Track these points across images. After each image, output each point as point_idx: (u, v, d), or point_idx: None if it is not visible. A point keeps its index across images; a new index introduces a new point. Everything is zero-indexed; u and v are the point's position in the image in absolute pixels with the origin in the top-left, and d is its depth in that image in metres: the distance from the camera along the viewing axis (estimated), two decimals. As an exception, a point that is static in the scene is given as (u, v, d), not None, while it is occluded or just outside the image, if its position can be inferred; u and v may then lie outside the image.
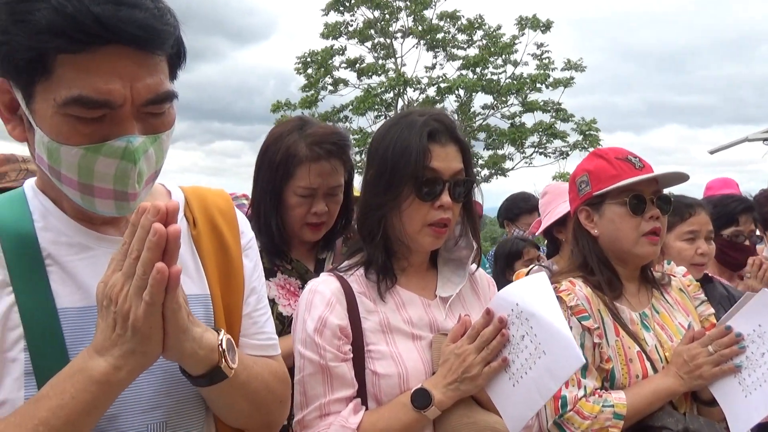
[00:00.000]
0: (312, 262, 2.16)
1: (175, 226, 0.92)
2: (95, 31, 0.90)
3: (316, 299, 1.55)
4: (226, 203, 1.30)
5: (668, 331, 1.90)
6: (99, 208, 1.03)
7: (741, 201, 3.03)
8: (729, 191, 5.01)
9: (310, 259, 2.16)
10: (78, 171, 0.98)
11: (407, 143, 1.54)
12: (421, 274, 1.68)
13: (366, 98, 17.22)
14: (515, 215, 5.08)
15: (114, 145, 0.96)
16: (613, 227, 1.90)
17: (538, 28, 17.21)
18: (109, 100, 0.94)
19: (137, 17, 0.92)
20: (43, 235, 1.06)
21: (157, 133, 1.02)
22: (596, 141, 16.99)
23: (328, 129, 2.06)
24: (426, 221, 1.56)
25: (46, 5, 0.90)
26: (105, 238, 1.10)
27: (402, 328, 1.57)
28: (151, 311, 0.92)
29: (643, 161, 1.94)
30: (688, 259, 2.52)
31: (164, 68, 1.01)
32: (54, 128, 0.96)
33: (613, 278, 1.91)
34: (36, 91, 0.95)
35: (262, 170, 2.06)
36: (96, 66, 0.93)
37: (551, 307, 1.44)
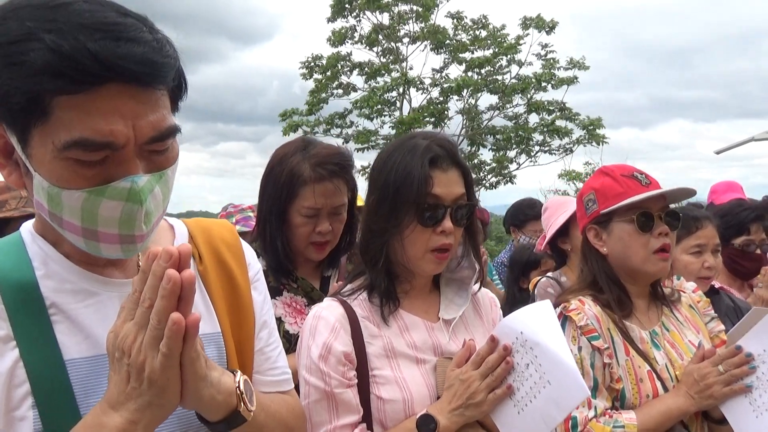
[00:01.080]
0: (317, 279, 2.17)
1: (189, 271, 0.86)
2: (94, 70, 0.85)
3: (320, 325, 1.55)
4: (231, 235, 1.27)
5: (678, 349, 1.90)
6: (104, 252, 0.99)
7: (752, 210, 3.00)
8: (734, 195, 4.98)
9: (316, 277, 2.18)
10: (81, 216, 0.93)
11: (409, 169, 1.54)
12: (424, 297, 1.69)
13: (370, 98, 17.21)
14: (521, 222, 5.07)
15: (118, 186, 0.92)
16: (622, 245, 1.89)
17: (542, 29, 17.17)
18: (111, 141, 0.89)
19: (136, 52, 0.87)
20: (45, 283, 1.01)
21: (162, 169, 0.98)
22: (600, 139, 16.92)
23: (331, 149, 2.08)
24: (428, 247, 1.56)
25: (41, 45, 0.84)
26: (110, 282, 1.05)
27: (406, 352, 1.57)
28: (168, 363, 0.87)
29: (649, 177, 1.94)
30: (695, 272, 2.51)
31: (166, 102, 0.96)
32: (54, 173, 0.91)
33: (622, 296, 1.90)
34: (33, 135, 0.90)
35: (267, 190, 2.07)
36: (96, 106, 0.88)
37: (556, 337, 1.44)
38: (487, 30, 17.78)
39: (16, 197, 1.94)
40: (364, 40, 18.00)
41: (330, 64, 17.67)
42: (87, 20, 0.87)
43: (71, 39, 0.84)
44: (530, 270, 3.84)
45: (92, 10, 0.89)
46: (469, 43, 17.73)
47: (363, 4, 17.29)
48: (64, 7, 0.88)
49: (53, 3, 0.89)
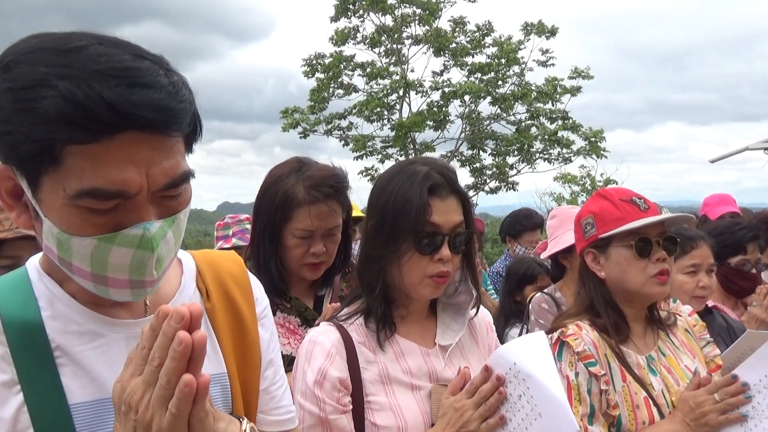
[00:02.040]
0: (311, 299, 2.17)
1: (200, 332, 0.84)
2: (108, 120, 0.82)
3: (316, 350, 1.55)
4: (239, 268, 1.24)
5: (675, 374, 1.90)
6: (113, 296, 0.97)
7: (749, 229, 3.01)
8: (726, 208, 5.00)
9: (309, 297, 2.17)
10: (91, 262, 0.91)
11: (408, 197, 1.54)
12: (421, 322, 1.69)
13: (369, 102, 17.19)
14: (518, 232, 5.09)
15: (129, 233, 0.90)
16: (620, 270, 1.90)
17: (543, 34, 17.18)
18: (123, 190, 0.87)
19: (152, 99, 0.85)
20: (51, 325, 0.98)
21: (175, 213, 0.95)
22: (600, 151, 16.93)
23: (326, 171, 2.06)
24: (426, 274, 1.57)
25: (54, 92, 0.82)
26: (116, 323, 1.03)
27: (401, 378, 1.58)
28: (176, 423, 0.84)
29: (648, 202, 1.94)
30: (690, 292, 2.52)
31: (180, 148, 0.93)
32: (64, 219, 0.89)
33: (619, 321, 1.90)
34: (43, 180, 0.87)
35: (261, 211, 2.07)
36: (109, 155, 0.85)
37: (548, 370, 1.45)
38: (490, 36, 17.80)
39: (9, 218, 1.91)
40: (367, 40, 17.99)
41: (333, 63, 17.65)
42: (102, 65, 0.84)
43: (85, 87, 0.82)
44: (526, 284, 3.85)
45: (107, 54, 0.85)
46: (471, 47, 17.73)
47: (367, 5, 17.27)
48: (79, 51, 0.85)
49: (67, 47, 0.86)
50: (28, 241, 1.86)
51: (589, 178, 16.72)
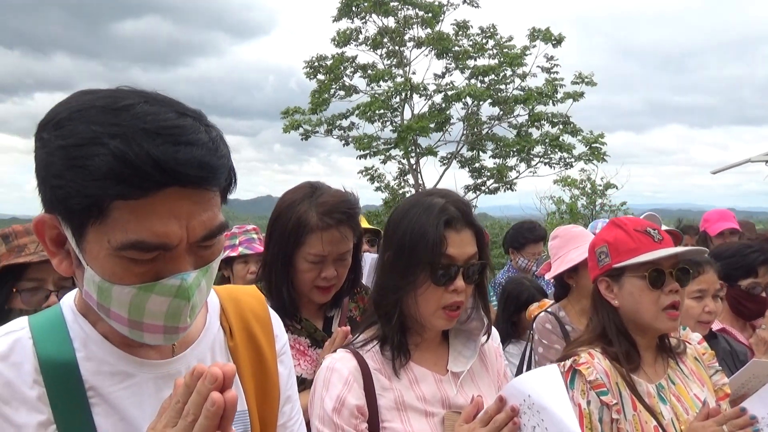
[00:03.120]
0: (320, 320, 2.21)
1: (232, 392, 0.88)
2: (155, 177, 0.87)
3: (334, 377, 1.59)
4: (260, 306, 1.28)
5: (684, 403, 1.93)
6: (147, 340, 1.01)
7: (761, 252, 3.01)
8: (726, 224, 5.04)
9: (319, 318, 2.21)
10: (129, 309, 0.96)
11: (425, 230, 1.59)
12: (434, 349, 1.73)
13: (372, 103, 17.23)
14: (521, 244, 5.12)
15: (168, 283, 0.94)
16: (633, 300, 1.93)
17: (549, 41, 17.21)
18: (165, 243, 0.92)
19: (195, 156, 0.89)
20: (85, 366, 1.02)
21: (209, 263, 1.00)
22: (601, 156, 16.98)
23: (338, 197, 2.09)
24: (440, 304, 1.61)
25: (105, 150, 0.86)
26: (146, 363, 1.07)
27: (416, 405, 1.62)
28: None
29: (662, 233, 1.97)
30: (696, 316, 2.55)
31: (217, 201, 0.98)
32: (107, 269, 0.93)
33: (631, 350, 1.94)
34: (88, 231, 0.92)
35: (273, 236, 2.10)
36: (153, 209, 0.90)
37: (562, 403, 1.49)
38: (494, 39, 17.81)
39: (35, 241, 1.93)
40: (369, 42, 18.00)
41: (334, 65, 17.67)
42: (149, 124, 0.88)
43: (135, 145, 0.86)
44: (524, 308, 3.88)
45: (153, 112, 0.90)
46: (473, 50, 17.76)
47: (369, 7, 17.28)
48: (127, 109, 0.90)
49: (117, 105, 0.90)
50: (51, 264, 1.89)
51: (589, 181, 16.76)
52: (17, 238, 1.94)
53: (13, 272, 1.87)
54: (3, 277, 1.86)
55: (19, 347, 1.00)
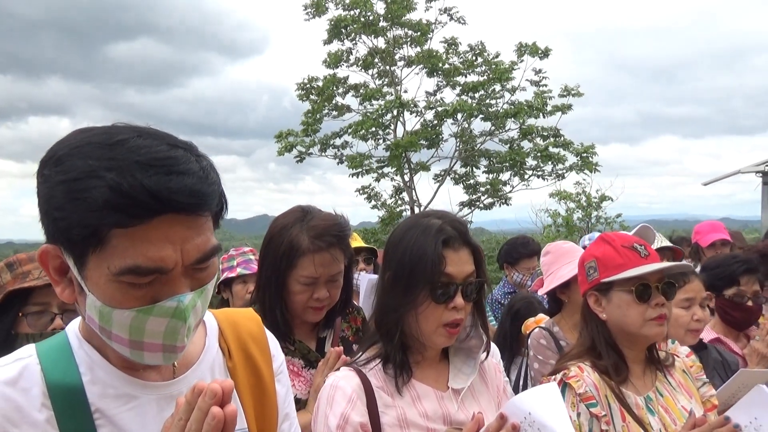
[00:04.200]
0: (313, 341, 2.26)
1: (231, 406, 0.93)
2: (149, 206, 0.93)
3: (337, 395, 1.63)
4: (257, 327, 1.34)
5: (672, 414, 1.99)
6: (147, 360, 1.06)
7: (743, 262, 3.08)
8: (717, 235, 5.12)
9: (312, 339, 2.26)
10: (129, 331, 1.01)
11: (424, 249, 1.64)
12: (434, 366, 1.78)
13: (364, 122, 17.36)
14: (515, 259, 5.16)
15: (165, 305, 0.99)
16: (621, 313, 1.99)
17: (536, 55, 17.42)
18: (161, 266, 0.97)
19: (186, 184, 0.95)
20: (91, 389, 1.07)
21: (204, 284, 1.05)
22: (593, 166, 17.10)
23: (329, 220, 2.16)
24: (440, 322, 1.66)
25: (101, 183, 0.92)
26: (148, 385, 1.12)
27: (418, 422, 1.66)
28: None
29: (648, 248, 2.04)
30: (685, 325, 2.62)
31: (209, 225, 1.04)
32: (107, 294, 0.98)
33: (619, 362, 2.00)
34: (89, 259, 0.97)
35: (267, 260, 2.16)
36: (148, 235, 0.95)
37: (562, 420, 1.53)
38: (482, 57, 18.02)
39: (38, 267, 2.00)
40: (360, 62, 18.19)
41: (326, 85, 17.83)
42: (142, 157, 0.95)
43: (129, 177, 0.92)
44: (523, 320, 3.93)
45: (146, 146, 0.97)
46: (463, 67, 17.95)
47: (359, 29, 17.48)
48: (121, 144, 0.96)
49: (111, 141, 0.97)
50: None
51: (584, 194, 16.85)
52: (21, 266, 2.00)
53: (18, 297, 1.93)
54: (9, 302, 1.91)
55: (27, 373, 1.06)
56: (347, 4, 17.33)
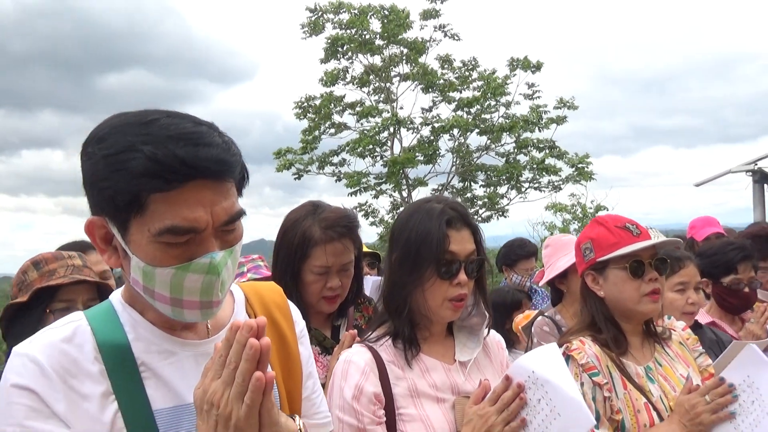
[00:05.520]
0: (328, 329, 2.38)
1: (266, 339, 1.04)
2: (182, 172, 1.06)
3: (351, 369, 1.74)
4: (280, 297, 1.45)
5: (671, 382, 2.10)
6: (187, 317, 1.17)
7: (740, 249, 3.18)
8: (711, 229, 5.24)
9: (327, 327, 2.38)
10: (170, 288, 1.12)
11: (428, 230, 1.77)
12: (441, 342, 1.89)
13: (361, 140, 17.54)
14: (513, 261, 5.25)
15: (200, 262, 1.11)
16: (617, 290, 2.12)
17: (528, 69, 17.65)
18: (195, 226, 1.09)
19: (212, 154, 1.08)
20: (136, 345, 1.19)
21: (232, 246, 1.17)
22: (589, 176, 17.27)
23: (339, 212, 2.30)
24: (446, 297, 1.77)
25: (140, 155, 1.05)
26: (186, 343, 1.24)
27: (428, 392, 1.76)
28: (251, 412, 1.05)
29: (640, 227, 2.17)
30: (680, 308, 2.74)
31: (234, 191, 1.16)
32: (149, 254, 1.10)
33: (618, 335, 2.12)
34: (131, 224, 1.09)
35: (281, 252, 2.29)
36: (183, 199, 1.07)
37: (563, 375, 1.65)
38: (476, 71, 18.25)
39: (63, 266, 2.12)
40: (356, 80, 18.42)
41: (323, 104, 18.03)
42: (172, 132, 1.08)
43: (163, 148, 1.06)
44: (513, 311, 4.06)
45: (175, 123, 1.10)
46: (458, 83, 18.17)
47: (355, 47, 17.73)
48: (154, 122, 1.10)
49: (145, 120, 1.11)
50: (81, 285, 2.08)
51: (580, 205, 16.97)
52: (47, 264, 2.12)
53: (45, 294, 2.05)
54: (36, 299, 2.03)
55: (79, 332, 1.18)
56: (344, 23, 17.59)
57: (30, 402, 1.08)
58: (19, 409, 1.08)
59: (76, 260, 2.17)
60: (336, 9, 17.57)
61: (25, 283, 2.11)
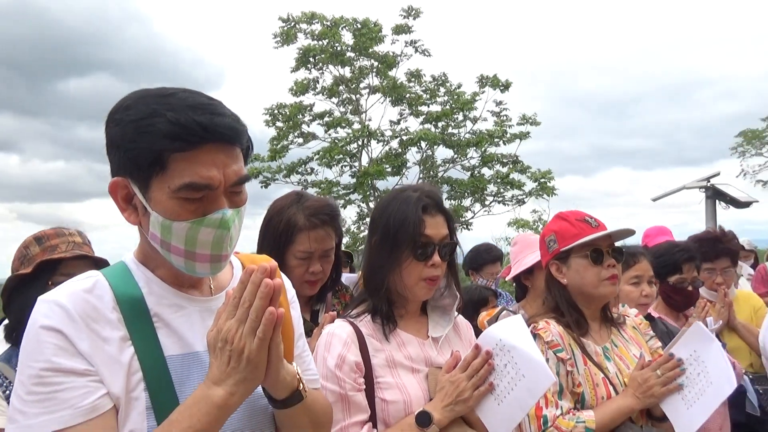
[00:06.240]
0: (308, 313, 2.51)
1: (278, 279, 1.18)
2: (199, 134, 1.18)
3: (334, 341, 1.88)
4: None
5: (626, 361, 2.31)
6: (198, 270, 1.28)
7: (685, 251, 3.45)
8: (664, 238, 5.54)
9: (306, 311, 2.51)
10: (185, 241, 1.23)
11: (405, 215, 1.92)
12: (415, 319, 2.04)
13: (332, 149, 17.70)
14: (479, 265, 5.42)
15: (213, 217, 1.23)
16: (579, 276, 2.31)
17: (497, 87, 18.11)
18: (209, 184, 1.21)
19: (225, 122, 1.22)
20: (149, 299, 1.30)
21: (240, 206, 1.29)
22: (551, 190, 17.77)
23: (322, 201, 2.45)
24: (421, 277, 1.92)
25: (163, 119, 1.18)
26: (193, 299, 1.35)
27: (404, 363, 1.91)
28: (262, 346, 1.17)
29: (597, 221, 2.37)
30: (635, 300, 2.97)
31: (242, 158, 1.28)
32: (167, 209, 1.21)
33: (580, 319, 2.31)
34: (153, 183, 1.21)
35: (266, 238, 2.42)
36: (200, 160, 1.20)
37: (527, 341, 1.82)
38: (445, 87, 18.62)
39: (65, 242, 2.21)
40: (326, 91, 18.60)
41: (293, 113, 18.15)
42: (190, 102, 1.22)
43: (183, 114, 1.19)
44: (480, 307, 4.26)
45: (192, 96, 1.25)
46: (426, 97, 18.49)
47: (326, 58, 17.94)
48: (173, 94, 1.24)
49: (165, 93, 1.24)
50: (81, 260, 2.18)
51: (542, 222, 17.40)
52: (49, 240, 2.21)
53: (48, 268, 2.13)
54: (39, 272, 2.12)
55: (99, 285, 1.29)
56: (316, 34, 17.78)
57: (58, 341, 1.18)
58: (48, 347, 1.17)
59: (76, 237, 2.26)
60: (309, 19, 17.75)
61: (27, 257, 2.19)
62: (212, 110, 1.22)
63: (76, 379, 1.17)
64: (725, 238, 3.75)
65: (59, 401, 1.15)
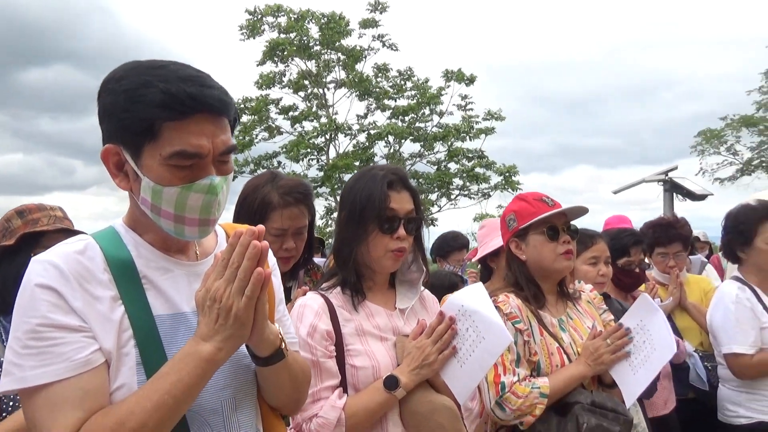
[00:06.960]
0: None
1: (265, 242, 1.24)
2: (190, 104, 1.23)
3: (306, 311, 1.97)
4: None
5: (579, 332, 2.45)
6: (187, 234, 1.33)
7: (632, 235, 3.67)
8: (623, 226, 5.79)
9: None
10: (175, 205, 1.28)
11: (371, 191, 2.00)
12: (383, 291, 2.13)
13: (299, 143, 17.69)
14: (446, 252, 5.58)
15: (202, 183, 1.27)
16: (536, 252, 2.45)
17: (462, 81, 18.33)
18: (199, 152, 1.25)
19: (214, 94, 1.27)
20: (138, 261, 1.34)
21: (227, 174, 1.34)
22: (515, 185, 18.09)
23: (296, 180, 2.53)
24: (387, 249, 2.01)
25: (155, 89, 1.22)
26: (179, 263, 1.40)
27: (373, 332, 2.00)
28: (250, 304, 1.23)
29: (554, 201, 2.51)
30: (592, 279, 3.12)
31: (229, 128, 1.33)
32: (159, 175, 1.26)
33: (537, 292, 2.44)
34: (144, 150, 1.25)
35: (241, 216, 2.48)
36: (190, 129, 1.24)
37: (487, 306, 1.94)
38: (411, 81, 18.76)
39: (46, 216, 2.24)
40: (292, 84, 18.57)
41: (259, 106, 18.08)
42: (181, 74, 1.27)
43: (175, 85, 1.24)
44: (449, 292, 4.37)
45: (182, 68, 1.29)
46: (393, 91, 18.61)
47: (293, 51, 17.90)
48: (164, 66, 1.29)
49: (157, 64, 1.29)
50: (63, 234, 2.22)
51: (507, 216, 17.66)
52: (31, 213, 2.24)
53: (30, 240, 2.16)
54: (22, 244, 2.15)
55: (90, 247, 1.34)
56: (283, 27, 17.71)
57: (52, 298, 1.22)
58: (42, 304, 1.22)
59: (57, 212, 2.30)
60: (274, 12, 17.68)
61: (9, 229, 2.21)
62: (201, 82, 1.27)
63: (71, 335, 1.22)
64: (678, 224, 3.95)
65: (54, 355, 1.20)
